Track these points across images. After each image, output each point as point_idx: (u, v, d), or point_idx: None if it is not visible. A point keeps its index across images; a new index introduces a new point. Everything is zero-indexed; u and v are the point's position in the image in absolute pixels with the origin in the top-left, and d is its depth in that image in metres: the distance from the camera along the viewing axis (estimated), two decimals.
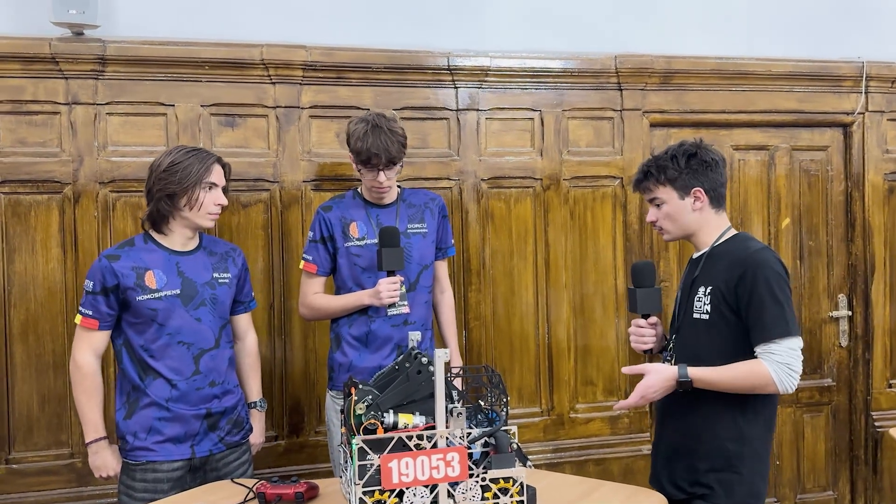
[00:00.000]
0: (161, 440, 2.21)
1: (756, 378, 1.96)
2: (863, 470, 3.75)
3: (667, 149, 2.19)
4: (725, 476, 2.04)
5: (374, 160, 2.47)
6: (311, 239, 2.65)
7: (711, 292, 2.05)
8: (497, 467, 1.70)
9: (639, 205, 3.42)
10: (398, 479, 1.68)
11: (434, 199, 2.76)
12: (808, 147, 3.67)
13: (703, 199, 2.13)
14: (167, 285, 2.22)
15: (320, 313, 2.68)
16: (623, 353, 3.41)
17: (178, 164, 2.23)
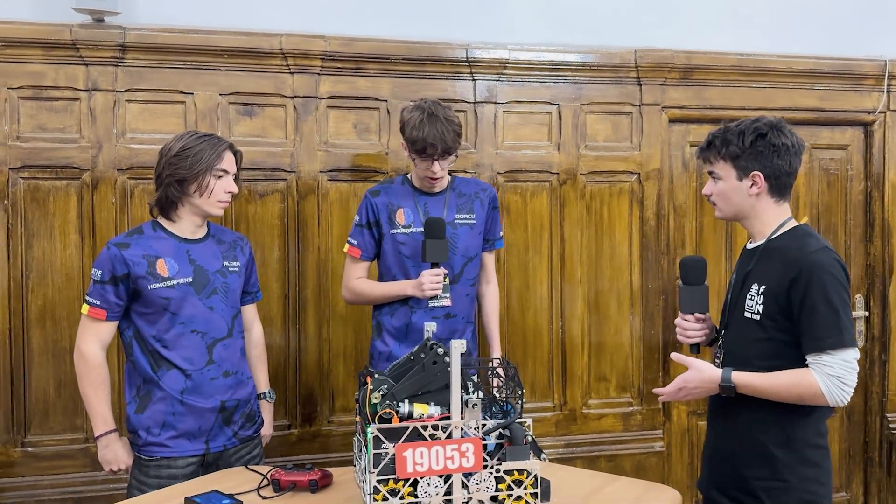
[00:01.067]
0: (175, 435, 2.18)
1: (804, 389, 1.84)
2: (877, 472, 3.72)
3: (740, 121, 2.02)
4: (771, 484, 1.92)
5: (429, 150, 2.43)
6: (356, 223, 2.63)
7: (765, 292, 1.92)
8: (511, 459, 1.69)
9: (655, 201, 3.40)
10: (413, 468, 1.68)
11: (485, 190, 2.72)
12: (828, 146, 3.64)
13: (762, 184, 1.96)
14: (179, 273, 2.20)
15: (362, 298, 2.66)
16: (637, 349, 3.40)
17: (188, 149, 2.19)
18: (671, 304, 3.47)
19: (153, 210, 2.29)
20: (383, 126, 3.11)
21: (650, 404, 3.41)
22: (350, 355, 3.12)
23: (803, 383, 1.85)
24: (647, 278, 3.40)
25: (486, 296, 2.80)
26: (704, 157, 2.07)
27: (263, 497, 1.89)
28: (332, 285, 3.08)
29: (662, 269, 3.43)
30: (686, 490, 3.48)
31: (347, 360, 3.11)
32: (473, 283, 2.68)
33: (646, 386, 3.40)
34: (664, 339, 3.44)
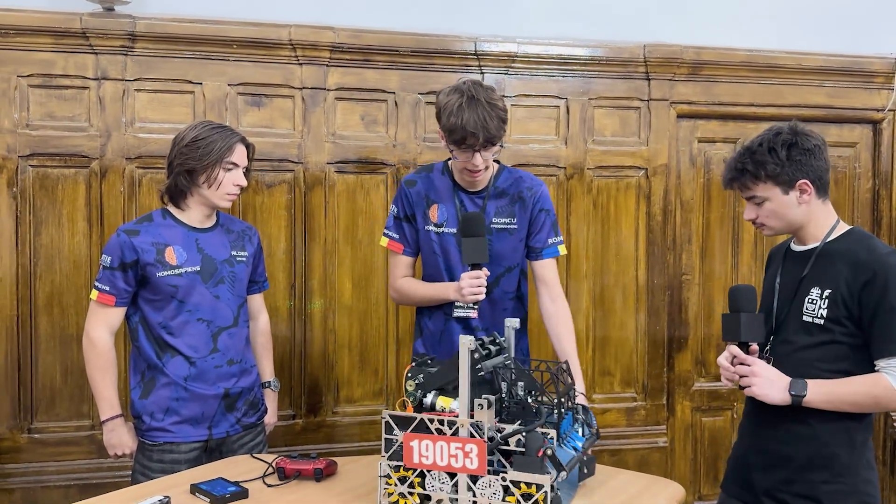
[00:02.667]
0: (178, 421, 2.19)
1: (881, 392, 1.81)
2: (881, 471, 3.71)
3: (759, 139, 1.96)
4: (835, 487, 1.89)
5: (469, 140, 2.12)
6: (394, 214, 2.39)
7: (830, 296, 1.88)
8: (519, 469, 1.60)
9: (662, 196, 3.40)
10: (418, 458, 1.69)
11: (531, 189, 2.35)
12: (837, 143, 3.62)
13: (810, 190, 1.92)
14: (187, 261, 2.20)
15: (407, 300, 2.42)
16: (642, 344, 3.40)
17: (200, 139, 2.19)
18: (676, 299, 3.47)
19: (163, 197, 2.29)
20: (391, 118, 3.11)
21: (654, 399, 3.41)
22: (355, 346, 3.13)
23: (879, 386, 1.82)
24: (652, 274, 3.40)
25: (553, 317, 2.34)
26: (741, 185, 1.99)
27: (268, 485, 1.90)
28: (339, 276, 3.08)
29: (668, 264, 3.43)
30: (689, 486, 3.48)
31: (353, 351, 3.13)
32: (513, 296, 2.38)
33: (650, 381, 3.41)
34: (669, 334, 3.44)
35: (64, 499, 2.79)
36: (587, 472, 1.85)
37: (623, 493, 1.86)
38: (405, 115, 3.11)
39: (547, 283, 2.36)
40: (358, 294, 3.12)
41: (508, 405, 1.73)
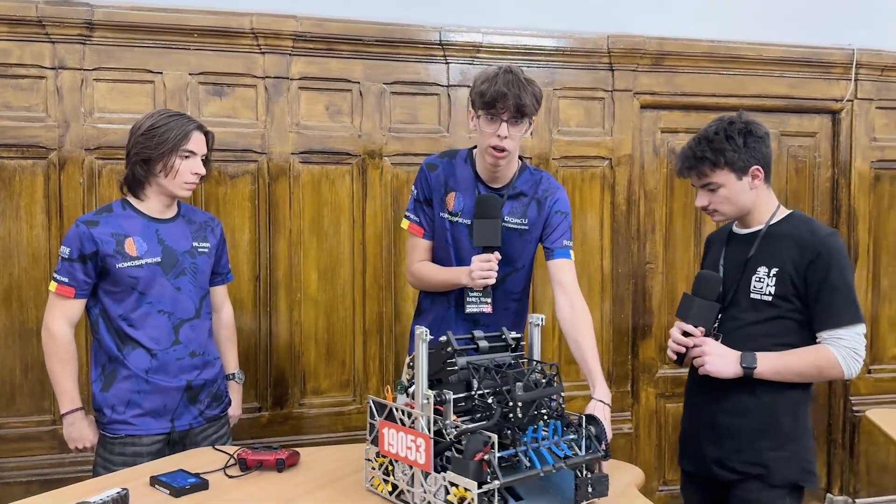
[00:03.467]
0: (140, 413, 2.17)
1: (823, 362, 1.96)
2: (840, 454, 3.80)
3: (714, 128, 2.05)
4: (781, 454, 2.01)
5: (500, 103, 2.03)
6: (415, 197, 2.32)
7: (778, 274, 2.00)
8: (454, 470, 1.53)
9: (626, 186, 3.43)
10: (388, 446, 1.70)
11: (548, 191, 2.28)
12: (797, 133, 3.69)
13: (761, 175, 2.06)
14: (147, 253, 2.18)
15: (423, 284, 2.33)
16: (607, 333, 3.43)
17: (157, 128, 2.15)
18: (640, 288, 3.50)
19: (122, 188, 2.26)
20: (356, 108, 3.09)
21: (619, 387, 3.44)
22: (322, 338, 3.12)
23: (822, 357, 1.96)
24: (617, 263, 3.43)
25: (572, 320, 2.17)
26: (698, 173, 2.07)
27: (230, 476, 1.89)
28: (305, 268, 3.07)
29: (632, 253, 3.46)
30: (653, 471, 3.53)
31: (319, 343, 3.11)
32: (518, 297, 2.31)
33: (615, 369, 3.44)
34: (633, 322, 3.48)
35: (25, 495, 2.68)
36: (594, 491, 1.66)
37: None
38: (370, 105, 3.10)
39: (564, 285, 2.22)
40: (324, 286, 3.11)
41: (478, 404, 1.69)
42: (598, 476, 1.69)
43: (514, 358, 1.83)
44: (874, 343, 3.79)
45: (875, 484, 3.78)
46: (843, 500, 3.81)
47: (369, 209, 3.12)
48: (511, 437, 1.59)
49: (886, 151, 3.75)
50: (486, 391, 1.68)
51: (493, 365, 1.70)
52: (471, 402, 1.70)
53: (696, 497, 2.23)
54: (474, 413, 1.69)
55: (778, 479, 2.01)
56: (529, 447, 1.58)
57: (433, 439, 1.59)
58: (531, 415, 1.63)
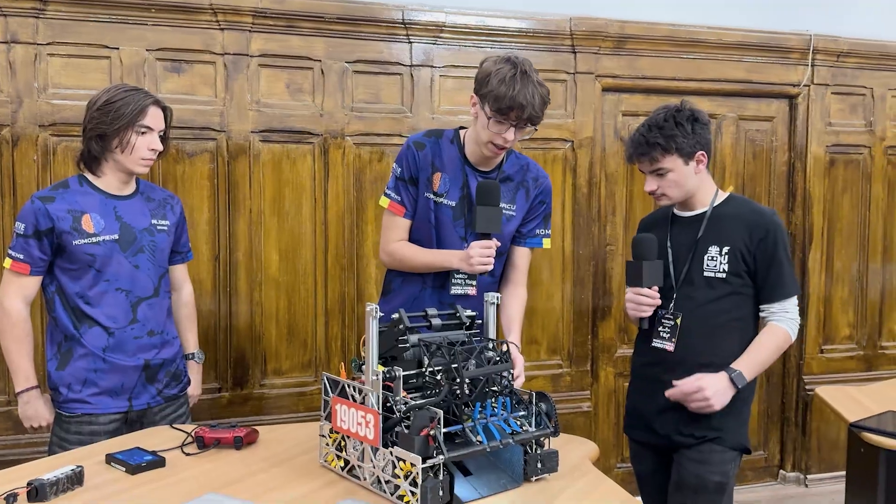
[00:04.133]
0: (97, 392, 2.15)
1: (782, 341, 2.15)
2: (793, 431, 3.90)
3: (663, 115, 2.14)
4: (732, 419, 2.14)
5: (515, 112, 2.05)
6: (397, 175, 2.27)
7: (729, 252, 2.13)
8: (400, 446, 1.53)
9: (588, 168, 3.46)
10: (340, 422, 1.71)
11: (537, 180, 2.32)
12: (755, 117, 3.75)
13: (705, 160, 2.18)
14: (105, 230, 2.14)
15: (402, 265, 2.29)
16: (568, 313, 3.47)
17: (112, 102, 2.12)
18: (601, 269, 3.54)
19: (79, 164, 2.22)
20: (317, 87, 3.07)
21: (579, 366, 3.49)
22: (283, 319, 3.10)
23: (780, 339, 2.15)
24: (578, 244, 3.46)
25: (508, 299, 2.28)
26: (649, 159, 2.16)
27: (187, 454, 1.88)
28: (265, 249, 3.05)
29: (593, 235, 3.50)
30: (611, 448, 3.59)
31: (280, 324, 3.10)
32: (496, 280, 2.32)
33: (575, 349, 3.49)
34: (594, 303, 3.52)
35: None
36: (543, 466, 1.69)
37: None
38: (332, 84, 3.08)
39: (517, 267, 2.32)
40: (285, 266, 3.09)
41: (429, 381, 1.70)
42: (547, 452, 1.71)
43: (468, 336, 1.83)
44: (826, 324, 3.89)
45: (826, 461, 3.89)
46: (795, 476, 3.91)
47: (331, 190, 3.11)
48: (459, 413, 1.60)
49: (841, 136, 3.83)
50: (436, 368, 1.68)
51: (445, 342, 1.71)
52: (422, 379, 1.71)
53: (647, 465, 2.32)
54: (425, 390, 1.70)
55: (731, 442, 2.14)
56: (477, 423, 1.60)
57: (383, 415, 1.59)
58: (482, 392, 1.64)
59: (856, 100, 3.86)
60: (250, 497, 1.61)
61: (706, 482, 2.10)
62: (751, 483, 3.88)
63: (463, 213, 2.24)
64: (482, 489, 1.62)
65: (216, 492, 1.64)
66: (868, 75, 3.83)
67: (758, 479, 3.90)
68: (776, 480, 3.94)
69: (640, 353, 2.31)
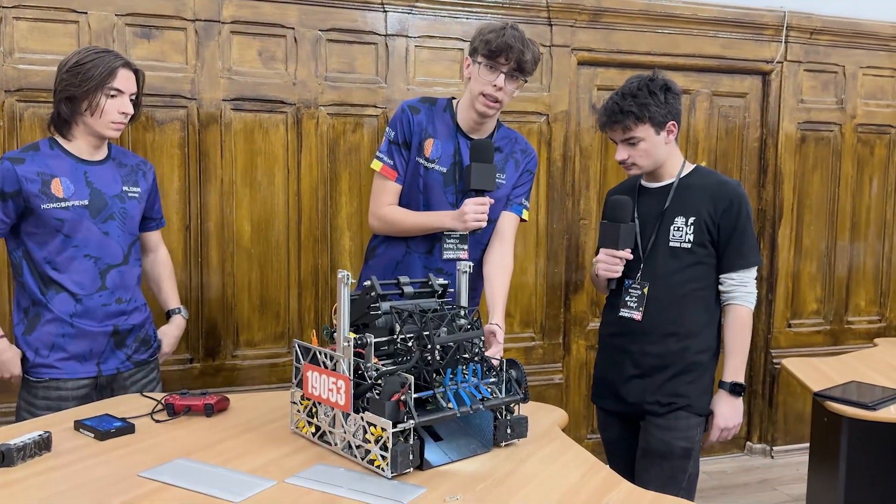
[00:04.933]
0: (65, 357, 2.13)
1: (746, 320, 2.17)
2: (760, 404, 3.97)
3: (636, 84, 2.14)
4: (696, 386, 2.18)
5: (504, 54, 2.09)
6: (391, 139, 2.28)
7: (695, 222, 2.15)
8: (370, 411, 1.54)
9: (563, 142, 3.46)
10: (311, 389, 1.71)
11: (525, 152, 2.36)
12: (728, 93, 3.77)
13: (675, 130, 2.19)
14: (75, 195, 2.11)
15: (393, 229, 2.30)
16: (541, 287, 3.49)
17: (82, 64, 2.07)
18: (574, 243, 3.56)
19: (50, 127, 2.18)
20: (290, 55, 3.03)
21: (551, 339, 3.52)
22: (255, 289, 3.09)
23: (743, 319, 2.17)
24: (552, 219, 3.47)
25: (497, 265, 2.29)
26: (622, 127, 2.16)
27: (157, 421, 1.87)
28: (237, 219, 3.02)
29: (567, 209, 3.51)
30: (582, 420, 3.64)
31: (252, 295, 3.09)
32: (484, 248, 2.34)
33: (547, 322, 3.51)
34: (567, 277, 3.54)
35: None
36: (513, 432, 1.71)
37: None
38: (305, 53, 3.04)
39: (503, 236, 2.33)
40: (258, 237, 3.07)
41: (400, 348, 1.70)
42: (517, 418, 1.73)
43: (440, 304, 1.84)
44: (794, 298, 3.96)
45: (792, 433, 3.98)
46: (761, 447, 4.00)
47: (304, 160, 3.08)
48: (430, 380, 1.61)
49: (812, 113, 3.87)
50: (407, 335, 1.69)
51: (417, 310, 1.71)
52: (393, 346, 1.71)
53: (614, 432, 2.36)
54: (397, 357, 1.70)
55: (696, 408, 2.18)
56: (448, 389, 1.61)
57: (354, 381, 1.60)
58: (453, 359, 1.65)
59: (827, 77, 3.89)
60: (220, 462, 1.61)
61: (673, 448, 2.14)
62: (718, 454, 3.95)
63: (454, 179, 2.26)
64: (452, 454, 1.64)
65: (186, 457, 1.64)
66: (840, 53, 3.87)
67: (724, 450, 3.97)
68: (743, 452, 4.02)
69: (606, 323, 2.34)
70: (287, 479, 1.52)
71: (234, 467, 1.58)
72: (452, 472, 1.59)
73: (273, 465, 1.61)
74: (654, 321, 2.18)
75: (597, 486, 1.53)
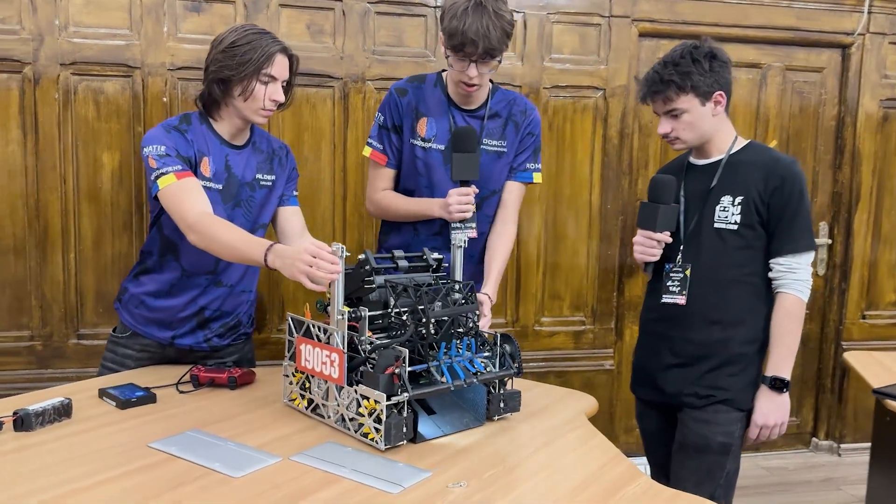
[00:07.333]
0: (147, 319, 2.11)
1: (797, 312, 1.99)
2: (828, 398, 3.76)
3: (679, 52, 2.01)
4: (740, 379, 2.04)
5: (468, 47, 1.99)
6: (380, 123, 2.26)
7: (743, 202, 2.00)
8: (365, 384, 1.53)
9: (620, 118, 3.32)
10: (304, 362, 1.70)
11: (524, 112, 2.28)
12: (803, 68, 3.54)
13: (724, 101, 2.04)
14: (215, 177, 2.02)
15: (387, 214, 2.31)
16: (593, 269, 3.37)
17: (238, 46, 1.97)
18: (630, 225, 3.43)
19: (197, 102, 2.10)
20: (338, 29, 2.99)
21: (603, 324, 3.40)
22: None
23: (793, 310, 1.99)
24: (606, 198, 3.35)
25: (494, 238, 2.28)
26: (664, 98, 2.04)
27: (181, 392, 1.89)
28: None
29: (623, 189, 3.37)
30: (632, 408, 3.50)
31: None
32: (492, 220, 2.31)
33: (599, 306, 3.40)
34: (620, 259, 3.41)
35: None
36: (506, 406, 1.72)
37: (534, 405, 1.85)
38: (353, 26, 3.00)
39: (506, 205, 2.30)
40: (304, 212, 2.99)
41: (394, 322, 1.69)
42: (510, 392, 1.73)
43: (435, 278, 1.81)
44: (871, 288, 3.71)
45: (861, 430, 3.74)
46: (828, 444, 3.78)
47: (351, 136, 3.05)
48: (424, 354, 1.61)
49: None
50: (402, 309, 1.68)
51: (412, 284, 1.67)
52: (387, 320, 1.70)
53: (652, 423, 2.25)
54: (391, 331, 1.69)
55: (737, 403, 2.04)
56: (442, 363, 1.60)
57: (347, 355, 1.59)
58: (448, 333, 1.65)
59: None
60: (232, 436, 1.60)
61: (710, 442, 2.01)
62: (780, 449, 3.76)
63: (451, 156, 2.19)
64: (445, 427, 1.64)
65: (200, 429, 1.63)
66: None
67: (788, 445, 3.78)
68: (808, 448, 3.81)
69: (648, 308, 2.22)
70: (292, 457, 1.49)
71: (244, 441, 1.57)
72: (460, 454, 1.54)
73: (284, 440, 1.59)
74: (696, 307, 2.05)
75: (613, 479, 1.45)
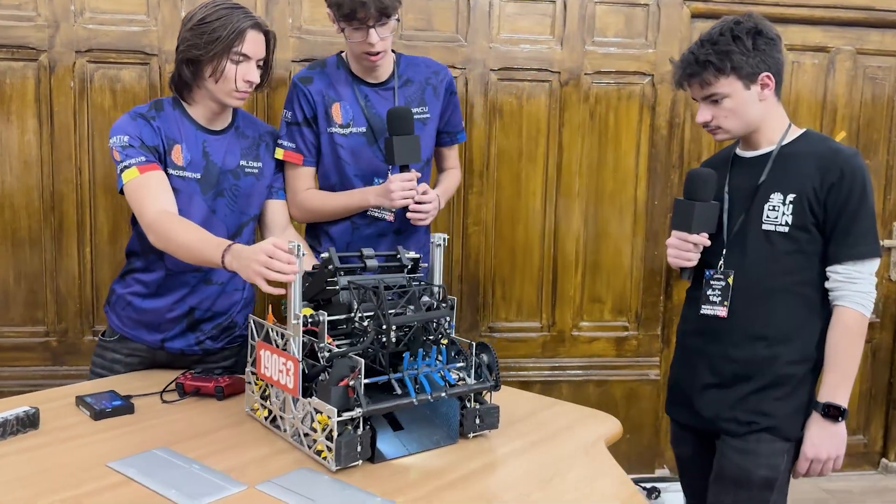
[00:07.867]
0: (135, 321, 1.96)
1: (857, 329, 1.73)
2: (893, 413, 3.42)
3: (718, 29, 1.77)
4: (786, 404, 1.78)
5: (360, 13, 1.87)
6: (289, 121, 2.10)
7: (795, 201, 1.74)
8: (318, 396, 1.39)
9: (669, 107, 3.06)
10: (263, 369, 1.56)
11: (437, 73, 2.19)
12: (876, 52, 3.20)
13: (772, 84, 1.77)
14: (190, 165, 1.87)
15: (315, 216, 2.13)
16: (638, 270, 3.12)
17: (207, 23, 1.80)
18: None
19: (171, 86, 1.94)
20: None
21: (648, 330, 3.15)
22: None
23: (852, 327, 1.72)
24: (653, 193, 3.09)
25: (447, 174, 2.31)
26: (700, 82, 1.78)
27: (165, 401, 1.74)
28: None
29: (672, 183, 3.11)
30: None
31: None
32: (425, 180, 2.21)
33: (644, 311, 3.14)
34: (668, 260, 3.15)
35: None
36: (482, 423, 1.55)
37: (550, 426, 1.64)
38: None
39: (447, 159, 2.31)
40: None
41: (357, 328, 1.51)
42: (487, 407, 1.56)
43: (408, 280, 1.62)
44: None
45: None
46: None
47: None
48: (387, 364, 1.44)
49: None
50: (365, 314, 1.50)
51: (382, 286, 1.47)
52: (351, 325, 1.53)
53: (687, 448, 1.98)
54: (354, 337, 1.53)
55: (785, 432, 1.77)
56: (406, 374, 1.43)
57: (307, 363, 1.44)
58: (416, 340, 1.47)
59: None
60: (202, 455, 1.45)
61: (751, 476, 1.75)
62: (845, 470, 3.43)
63: (375, 136, 2.08)
64: (411, 445, 1.45)
65: (169, 446, 1.49)
66: None
67: (854, 466, 3.45)
68: (876, 469, 3.48)
69: (685, 319, 1.96)
70: (258, 485, 1.33)
71: (213, 463, 1.42)
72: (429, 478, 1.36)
73: (257, 464, 1.43)
74: (739, 320, 1.79)
75: None
